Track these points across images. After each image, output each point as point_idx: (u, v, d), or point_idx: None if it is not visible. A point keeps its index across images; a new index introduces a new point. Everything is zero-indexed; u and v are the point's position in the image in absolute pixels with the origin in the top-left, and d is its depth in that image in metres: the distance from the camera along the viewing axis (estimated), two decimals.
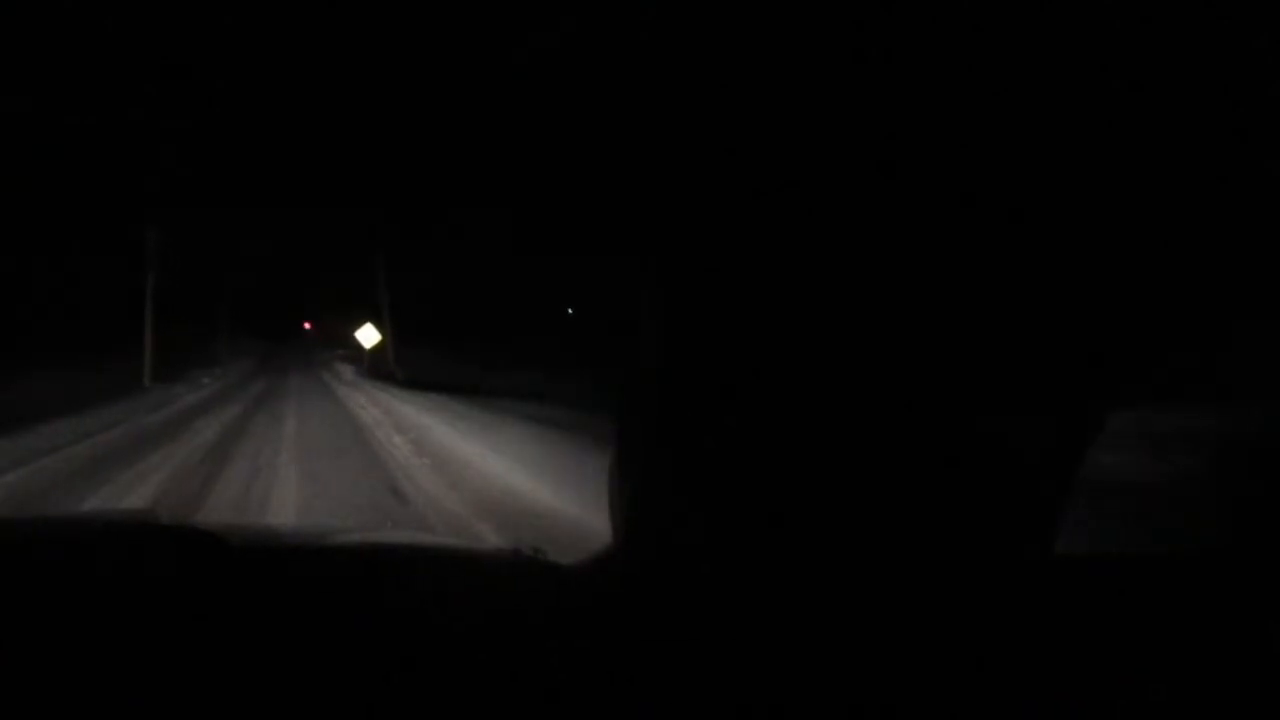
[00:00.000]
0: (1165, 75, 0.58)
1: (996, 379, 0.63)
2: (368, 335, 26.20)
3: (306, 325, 59.66)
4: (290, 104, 23.07)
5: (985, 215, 0.61)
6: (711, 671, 0.71)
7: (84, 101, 18.34)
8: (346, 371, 27.39)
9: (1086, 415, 0.62)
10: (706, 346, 0.72)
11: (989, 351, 0.63)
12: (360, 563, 1.21)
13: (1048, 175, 0.60)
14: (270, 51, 19.73)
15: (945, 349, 0.63)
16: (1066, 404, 0.62)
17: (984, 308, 0.62)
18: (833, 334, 0.65)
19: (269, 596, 0.94)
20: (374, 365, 25.74)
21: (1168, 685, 0.57)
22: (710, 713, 0.69)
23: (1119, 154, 0.59)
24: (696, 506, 0.74)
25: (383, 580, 1.06)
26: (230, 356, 33.43)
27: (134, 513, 3.68)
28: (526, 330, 25.09)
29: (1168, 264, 0.60)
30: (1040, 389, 0.62)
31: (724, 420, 0.71)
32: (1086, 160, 0.60)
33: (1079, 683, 0.59)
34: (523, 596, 0.99)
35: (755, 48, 0.66)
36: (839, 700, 0.67)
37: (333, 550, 1.34)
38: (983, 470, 0.63)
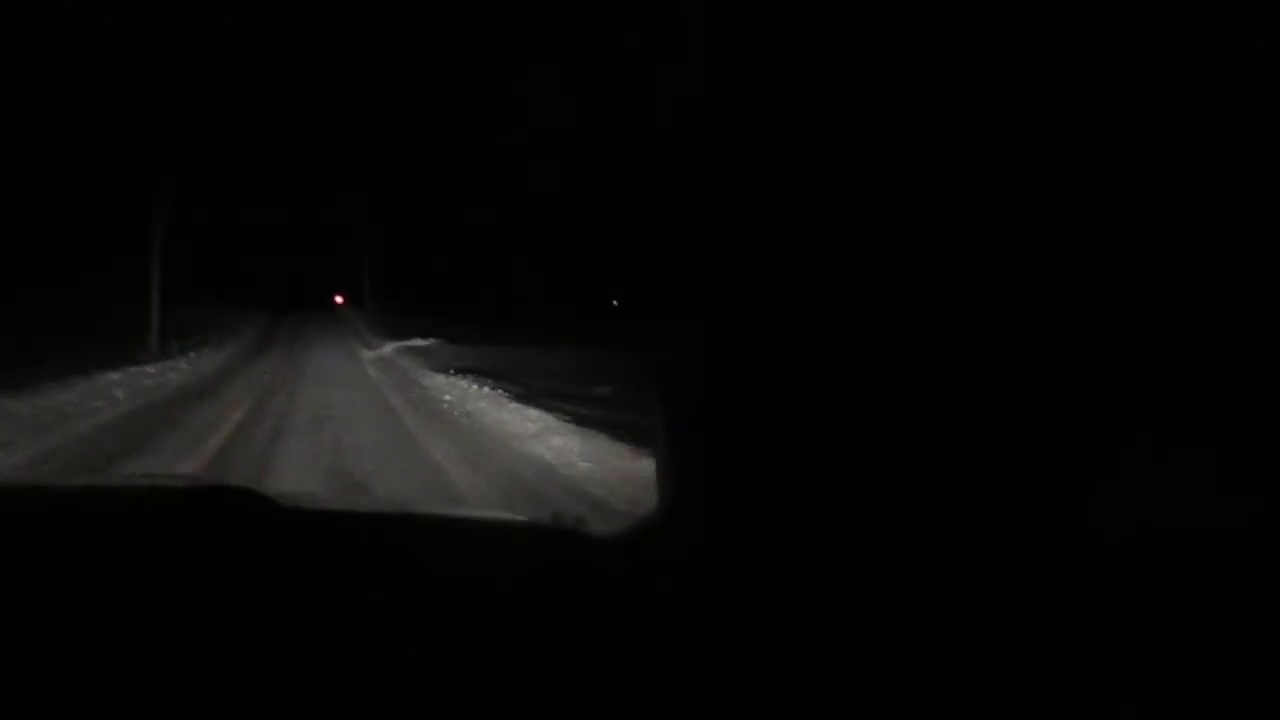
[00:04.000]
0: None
1: (1026, 367, 0.64)
2: None
3: (339, 299, 40.13)
4: None
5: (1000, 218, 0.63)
6: (741, 643, 0.73)
7: None
8: None
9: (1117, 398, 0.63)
10: (745, 334, 0.75)
11: (1020, 340, 0.64)
12: (404, 530, 1.23)
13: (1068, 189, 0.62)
14: None
15: (971, 330, 0.65)
16: (1098, 384, 0.63)
17: (1007, 301, 0.64)
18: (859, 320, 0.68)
19: (315, 560, 0.97)
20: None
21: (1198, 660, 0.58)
22: (742, 682, 0.71)
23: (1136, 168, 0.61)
24: (733, 487, 0.77)
25: (426, 546, 1.09)
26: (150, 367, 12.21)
27: (181, 478, 3.72)
28: (580, 316, 23.88)
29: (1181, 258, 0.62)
30: (1072, 371, 0.63)
31: (759, 405, 0.73)
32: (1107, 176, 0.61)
33: (1107, 657, 0.60)
34: (561, 565, 1.02)
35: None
36: (864, 668, 0.69)
37: (376, 518, 1.37)
38: (1011, 447, 0.65)
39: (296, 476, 5.44)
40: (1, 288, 12.85)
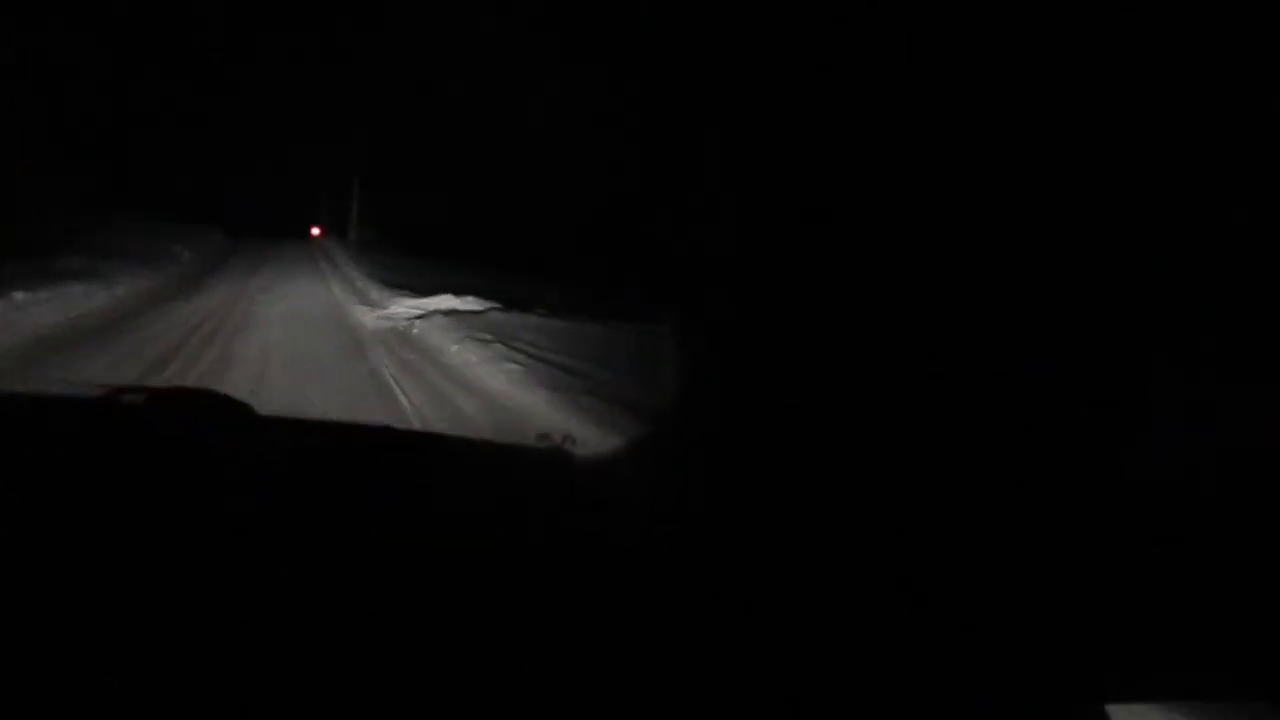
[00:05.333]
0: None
1: (1063, 318, 0.63)
2: None
3: (315, 230, 33.56)
4: None
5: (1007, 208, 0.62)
6: (735, 566, 0.72)
7: None
8: None
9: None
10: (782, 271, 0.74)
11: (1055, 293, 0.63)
12: (389, 443, 1.22)
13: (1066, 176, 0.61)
14: None
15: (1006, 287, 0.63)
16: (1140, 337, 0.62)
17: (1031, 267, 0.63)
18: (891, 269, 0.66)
19: (300, 466, 0.96)
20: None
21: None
22: (728, 603, 0.71)
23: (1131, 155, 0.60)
24: (746, 410, 0.76)
25: (408, 459, 1.08)
26: None
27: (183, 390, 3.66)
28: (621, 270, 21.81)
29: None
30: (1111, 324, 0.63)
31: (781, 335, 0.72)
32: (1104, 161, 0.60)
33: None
34: (544, 482, 1.01)
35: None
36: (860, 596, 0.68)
37: (360, 428, 1.36)
38: (1049, 396, 0.64)
39: None
40: None
